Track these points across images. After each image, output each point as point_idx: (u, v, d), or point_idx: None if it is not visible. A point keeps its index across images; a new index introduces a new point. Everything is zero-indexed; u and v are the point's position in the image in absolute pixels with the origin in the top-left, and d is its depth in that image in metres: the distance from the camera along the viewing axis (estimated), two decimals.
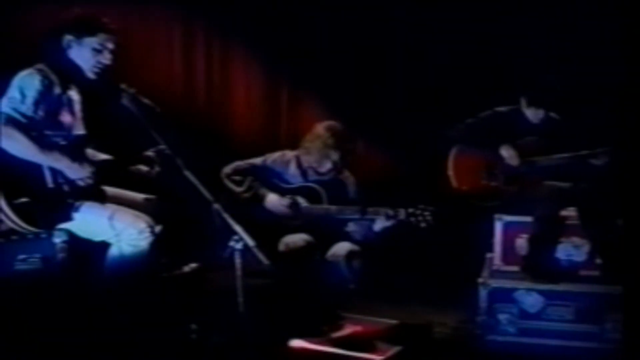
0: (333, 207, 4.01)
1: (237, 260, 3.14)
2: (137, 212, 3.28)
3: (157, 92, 5.02)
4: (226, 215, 3.11)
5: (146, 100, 3.23)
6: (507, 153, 4.28)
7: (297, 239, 3.92)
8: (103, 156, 3.52)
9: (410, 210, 3.84)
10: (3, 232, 3.10)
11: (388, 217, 3.86)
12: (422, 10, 5.15)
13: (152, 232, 3.25)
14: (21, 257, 3.15)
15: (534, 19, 4.94)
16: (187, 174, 3.16)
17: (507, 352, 3.99)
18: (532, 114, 4.30)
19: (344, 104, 5.67)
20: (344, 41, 5.54)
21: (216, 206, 3.12)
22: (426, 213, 3.81)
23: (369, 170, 4.73)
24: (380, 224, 3.90)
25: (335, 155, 4.11)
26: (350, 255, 3.94)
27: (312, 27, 5.59)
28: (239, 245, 3.11)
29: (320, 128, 4.18)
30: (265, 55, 5.70)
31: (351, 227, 4.04)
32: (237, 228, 3.09)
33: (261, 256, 3.09)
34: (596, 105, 4.36)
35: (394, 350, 3.63)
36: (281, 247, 3.93)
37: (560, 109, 4.29)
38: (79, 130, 3.37)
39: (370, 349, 3.63)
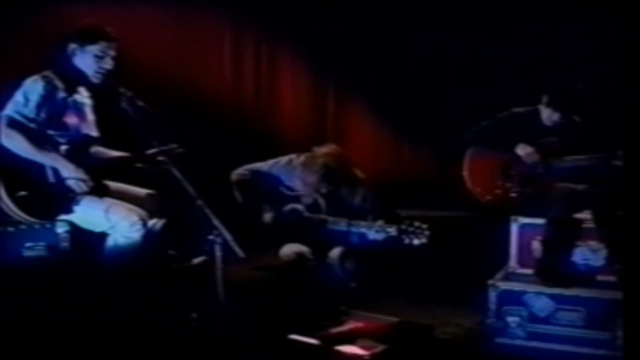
0: (330, 218, 4.13)
1: (217, 253, 3.35)
2: (131, 206, 3.54)
3: (207, 93, 5.46)
4: (207, 211, 3.32)
5: (141, 103, 3.46)
6: (523, 151, 4.22)
7: (289, 252, 4.08)
8: (114, 153, 3.82)
9: (403, 227, 3.90)
10: (13, 222, 3.45)
11: (378, 232, 3.94)
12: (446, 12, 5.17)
13: (144, 225, 3.51)
14: (28, 244, 3.49)
15: (554, 20, 4.83)
16: (175, 171, 3.39)
17: (515, 355, 3.94)
18: (550, 115, 4.22)
19: (388, 105, 5.78)
20: (387, 44, 5.61)
21: (199, 202, 3.33)
22: (419, 231, 3.85)
23: (371, 168, 4.81)
24: (372, 236, 3.99)
25: (332, 185, 4.23)
26: (343, 256, 4.06)
27: (358, 30, 5.69)
28: (218, 239, 3.32)
29: (321, 158, 4.25)
30: (312, 57, 5.89)
31: (348, 237, 4.15)
32: (217, 223, 3.30)
33: (237, 249, 3.27)
34: (616, 106, 4.20)
35: (382, 347, 3.68)
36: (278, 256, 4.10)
37: (580, 110, 4.18)
38: (88, 130, 3.68)
39: (365, 345, 3.70)
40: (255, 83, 5.85)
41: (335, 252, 4.11)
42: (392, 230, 3.93)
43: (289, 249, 4.11)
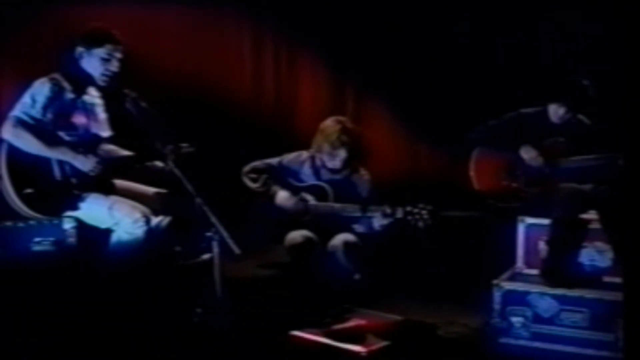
0: (337, 205, 4.18)
1: (215, 250, 3.44)
2: (135, 203, 3.66)
3: (226, 94, 5.57)
4: (206, 209, 3.41)
5: (144, 104, 3.57)
6: (527, 154, 4.22)
7: (296, 235, 4.14)
8: (123, 152, 3.93)
9: (409, 208, 3.93)
10: (23, 217, 3.60)
11: (385, 215, 3.97)
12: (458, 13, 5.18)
13: (147, 222, 3.61)
14: (37, 239, 3.64)
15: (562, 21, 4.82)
16: (175, 170, 3.49)
17: (519, 356, 3.93)
18: (557, 110, 4.21)
19: (406, 106, 5.80)
20: (405, 45, 5.64)
21: (198, 200, 3.42)
22: (424, 212, 3.88)
23: (389, 168, 4.84)
24: (378, 222, 4.02)
25: (344, 149, 4.28)
26: (346, 245, 4.10)
27: (376, 31, 5.74)
28: (216, 236, 3.41)
29: (330, 121, 4.35)
30: (331, 59, 5.94)
31: (354, 224, 4.18)
32: (214, 220, 3.39)
33: (233, 246, 3.35)
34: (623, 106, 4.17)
35: (381, 344, 3.71)
36: (284, 243, 4.16)
37: (587, 105, 4.16)
38: (98, 130, 3.81)
39: (364, 342, 3.74)
40: (275, 84, 5.93)
41: (339, 240, 4.15)
42: (399, 212, 3.96)
43: (296, 233, 4.18)
